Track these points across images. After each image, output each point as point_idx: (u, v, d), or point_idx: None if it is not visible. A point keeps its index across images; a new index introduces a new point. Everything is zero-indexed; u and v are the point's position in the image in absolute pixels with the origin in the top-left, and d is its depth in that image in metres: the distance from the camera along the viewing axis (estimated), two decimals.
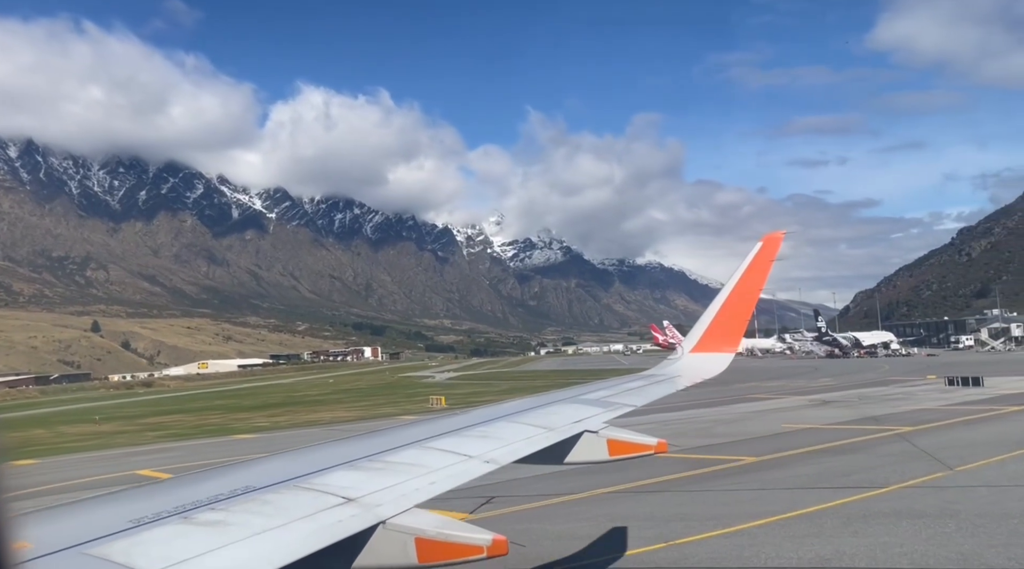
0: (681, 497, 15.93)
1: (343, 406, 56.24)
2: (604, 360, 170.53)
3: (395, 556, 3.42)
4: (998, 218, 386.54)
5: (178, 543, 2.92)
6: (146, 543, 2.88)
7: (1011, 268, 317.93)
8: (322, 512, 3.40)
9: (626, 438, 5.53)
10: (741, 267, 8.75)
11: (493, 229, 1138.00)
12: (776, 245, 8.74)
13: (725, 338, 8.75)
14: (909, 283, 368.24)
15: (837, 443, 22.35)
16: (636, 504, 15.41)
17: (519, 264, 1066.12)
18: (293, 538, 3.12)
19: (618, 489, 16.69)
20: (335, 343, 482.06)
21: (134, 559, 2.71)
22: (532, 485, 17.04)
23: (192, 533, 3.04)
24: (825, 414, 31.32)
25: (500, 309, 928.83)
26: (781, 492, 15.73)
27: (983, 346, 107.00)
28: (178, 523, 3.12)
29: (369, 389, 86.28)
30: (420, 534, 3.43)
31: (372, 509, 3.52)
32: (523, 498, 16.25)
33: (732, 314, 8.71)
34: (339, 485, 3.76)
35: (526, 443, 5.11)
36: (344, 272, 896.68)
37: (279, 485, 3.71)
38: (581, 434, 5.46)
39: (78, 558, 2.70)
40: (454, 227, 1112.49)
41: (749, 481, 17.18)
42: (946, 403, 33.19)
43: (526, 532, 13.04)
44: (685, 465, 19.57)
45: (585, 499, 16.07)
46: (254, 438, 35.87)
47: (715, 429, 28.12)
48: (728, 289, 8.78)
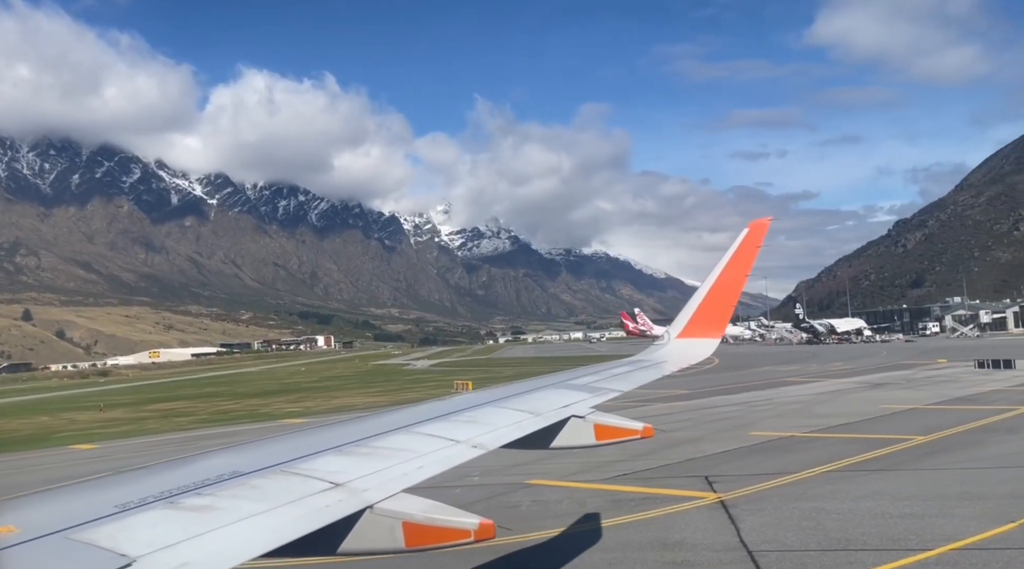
0: (939, 476, 15.01)
1: (361, 392, 54.59)
2: (577, 347, 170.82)
3: (382, 540, 3.42)
4: (932, 211, 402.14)
5: (164, 528, 2.88)
6: (132, 528, 2.84)
7: (944, 259, 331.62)
8: (309, 497, 3.39)
9: (613, 423, 5.55)
10: (728, 253, 8.68)
11: (441, 218, 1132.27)
12: (763, 231, 8.74)
13: (711, 324, 8.73)
14: (849, 273, 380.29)
15: (984, 422, 22.14)
16: (892, 483, 14.47)
17: (467, 253, 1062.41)
18: (280, 523, 3.10)
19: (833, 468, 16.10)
20: (281, 332, 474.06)
21: (120, 544, 2.69)
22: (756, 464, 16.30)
23: (179, 518, 3.00)
24: (905, 395, 31.40)
25: (448, 298, 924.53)
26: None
27: (953, 332, 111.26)
28: (164, 508, 3.07)
29: (358, 376, 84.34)
30: (407, 518, 3.43)
31: (359, 494, 3.51)
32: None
33: (718, 300, 8.66)
34: (327, 470, 3.75)
35: (514, 428, 5.11)
36: (289, 260, 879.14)
37: (266, 470, 3.68)
38: (568, 419, 5.48)
39: (64, 543, 2.65)
40: (401, 215, 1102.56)
41: (970, 459, 16.60)
42: (1011, 385, 33.68)
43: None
44: (855, 445, 19.09)
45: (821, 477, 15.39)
46: (306, 422, 34.28)
47: (813, 410, 27.91)
48: (715, 275, 8.66)
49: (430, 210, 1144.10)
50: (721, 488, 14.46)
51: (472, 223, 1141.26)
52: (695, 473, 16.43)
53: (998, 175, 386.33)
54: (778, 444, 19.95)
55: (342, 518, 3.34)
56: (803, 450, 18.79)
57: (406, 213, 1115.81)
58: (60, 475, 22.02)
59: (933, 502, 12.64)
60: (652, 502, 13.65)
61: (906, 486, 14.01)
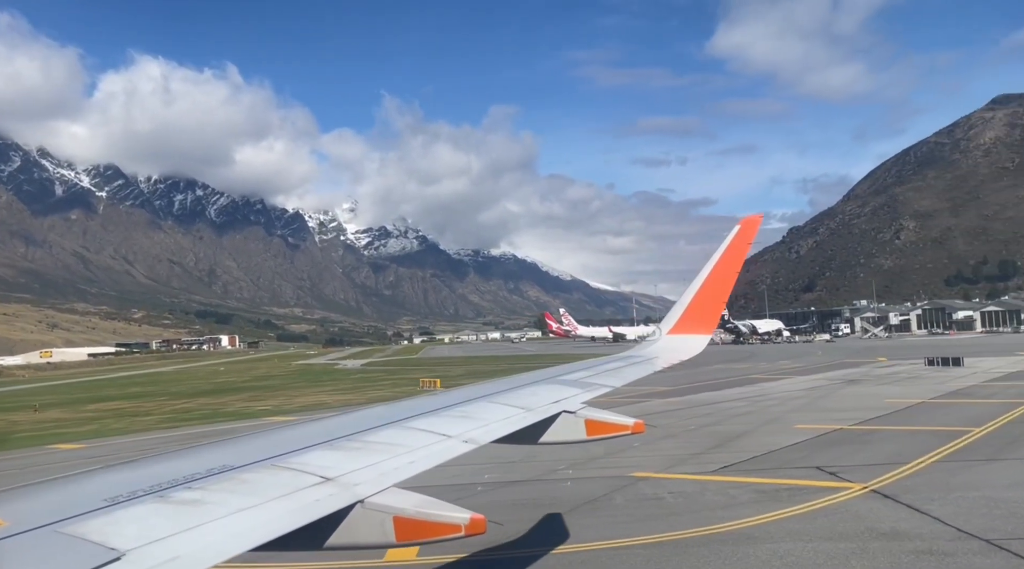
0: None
1: (321, 391, 52.43)
2: (502, 347, 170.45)
3: (373, 534, 3.43)
4: (822, 220, 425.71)
5: (154, 522, 2.87)
6: (122, 521, 2.83)
7: (833, 265, 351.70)
8: (300, 491, 3.38)
9: (604, 418, 5.60)
10: (719, 250, 8.73)
11: (347, 216, 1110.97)
12: (754, 228, 8.82)
13: (702, 320, 8.80)
14: (746, 277, 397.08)
15: (1014, 414, 23.16)
16: (1015, 471, 14.82)
17: (374, 252, 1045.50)
18: (270, 517, 3.10)
19: (937, 458, 16.42)
20: (177, 332, 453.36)
21: (110, 538, 2.67)
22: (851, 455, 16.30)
23: (168, 512, 2.99)
24: (895, 391, 32.68)
25: (354, 298, 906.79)
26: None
27: (865, 333, 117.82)
28: (154, 502, 3.06)
29: (294, 376, 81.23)
30: (398, 513, 3.44)
31: (350, 488, 3.51)
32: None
33: (709, 297, 8.71)
34: (317, 464, 3.75)
35: (505, 423, 5.12)
36: (185, 257, 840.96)
37: (256, 464, 3.67)
38: (559, 414, 5.51)
39: (53, 536, 2.64)
40: (306, 212, 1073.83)
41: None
42: (986, 380, 35.64)
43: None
44: (923, 437, 19.65)
45: (938, 466, 15.60)
46: (294, 419, 32.47)
47: (823, 404, 28.62)
48: (706, 272, 8.73)
49: (336, 208, 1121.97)
50: (853, 478, 14.46)
51: (379, 222, 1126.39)
52: (802, 464, 16.41)
53: (881, 187, 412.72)
54: (842, 436, 20.24)
55: (333, 513, 3.33)
56: (880, 442, 19.15)
57: (311, 210, 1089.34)
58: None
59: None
60: (801, 493, 13.49)
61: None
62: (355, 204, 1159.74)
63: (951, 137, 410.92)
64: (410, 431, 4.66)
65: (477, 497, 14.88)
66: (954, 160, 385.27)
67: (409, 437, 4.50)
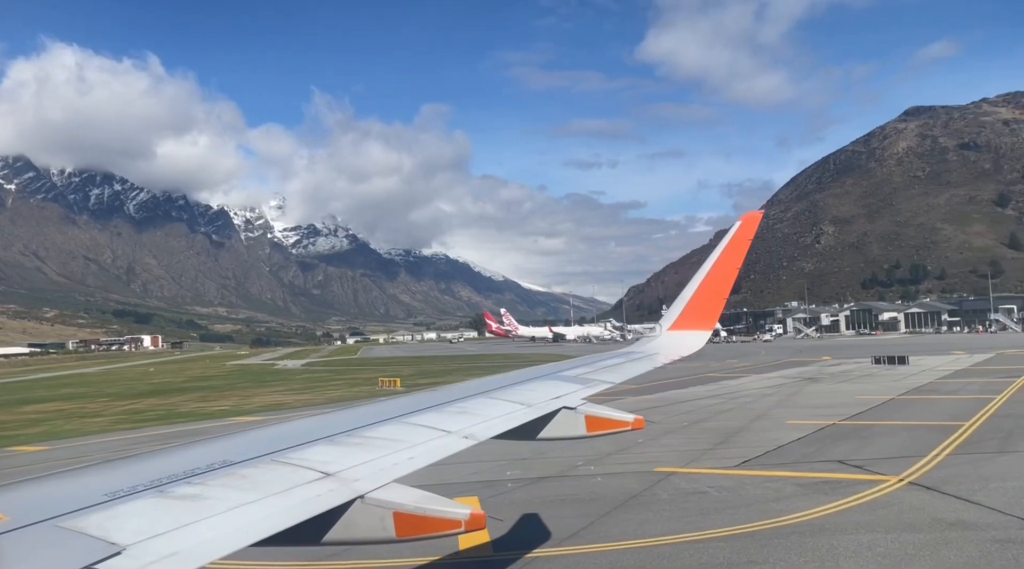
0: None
1: (272, 391, 50.81)
2: (442, 347, 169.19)
3: (373, 530, 3.43)
4: None
5: (154, 516, 2.87)
6: (122, 516, 2.82)
7: (757, 267, 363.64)
8: (300, 486, 3.38)
9: (604, 414, 5.61)
10: (720, 246, 8.74)
11: (275, 213, 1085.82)
12: (755, 224, 8.81)
13: (703, 316, 8.76)
14: (675, 279, 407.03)
15: (990, 410, 24.17)
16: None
17: (302, 251, 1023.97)
18: (271, 512, 3.10)
19: (949, 451, 16.95)
20: (93, 332, 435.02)
21: (110, 533, 2.67)
22: (860, 449, 16.59)
23: (169, 507, 2.98)
24: (858, 388, 33.78)
25: (281, 297, 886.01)
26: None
27: (798, 333, 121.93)
28: (154, 497, 3.05)
29: (234, 376, 78.67)
30: (398, 508, 3.43)
31: (350, 484, 3.51)
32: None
33: (710, 292, 8.70)
34: (317, 460, 3.75)
35: (505, 419, 5.12)
36: (102, 254, 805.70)
37: (257, 459, 3.67)
38: (558, 410, 5.52)
39: (53, 531, 2.64)
40: (231, 209, 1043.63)
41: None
42: (939, 377, 37.22)
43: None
44: (920, 432, 20.39)
45: (956, 459, 16.08)
46: (262, 420, 31.34)
47: (797, 401, 29.32)
48: (707, 267, 8.74)
49: (263, 205, 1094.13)
50: (881, 471, 14.77)
51: (308, 220, 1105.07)
52: (820, 458, 16.71)
53: (803, 193, 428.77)
54: (839, 431, 20.70)
55: (333, 508, 3.31)
56: (881, 437, 19.62)
57: (236, 207, 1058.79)
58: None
59: None
60: (841, 486, 13.70)
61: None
62: (283, 201, 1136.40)
63: (867, 146, 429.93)
64: (410, 427, 4.62)
65: (513, 493, 14.60)
66: (870, 168, 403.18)
67: (409, 433, 4.47)
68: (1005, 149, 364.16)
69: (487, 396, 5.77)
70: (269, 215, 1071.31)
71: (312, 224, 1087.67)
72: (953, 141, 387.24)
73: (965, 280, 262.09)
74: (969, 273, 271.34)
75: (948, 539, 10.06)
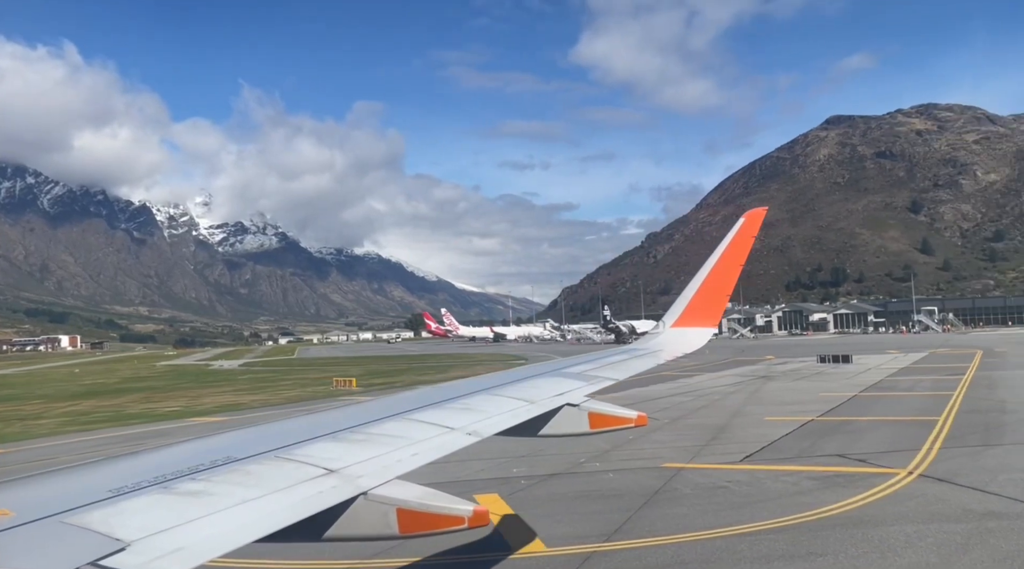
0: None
1: (221, 392, 49.16)
2: (379, 347, 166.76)
3: (376, 526, 3.47)
4: (677, 226, 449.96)
5: (158, 513, 2.91)
6: (126, 512, 2.86)
7: (687, 269, 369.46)
8: (304, 483, 3.43)
9: (607, 411, 5.67)
10: (724, 243, 8.77)
11: (200, 210, 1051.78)
12: (758, 221, 8.87)
13: (706, 313, 8.85)
14: (608, 280, 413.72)
15: (953, 405, 25.25)
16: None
17: (229, 249, 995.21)
18: (275, 508, 3.14)
19: (940, 446, 17.59)
20: (2, 332, 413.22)
21: (114, 529, 2.71)
22: (853, 444, 17.06)
23: (172, 503, 3.02)
24: (818, 386, 34.86)
25: (207, 297, 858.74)
26: None
27: (734, 334, 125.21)
28: (158, 493, 3.09)
29: (169, 377, 75.95)
30: (401, 505, 3.48)
31: (353, 480, 3.55)
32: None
33: (713, 289, 8.75)
34: (321, 456, 3.79)
35: (509, 416, 5.21)
36: (13, 250, 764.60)
37: (260, 456, 3.71)
38: (561, 407, 5.60)
39: (58, 527, 2.69)
40: (154, 205, 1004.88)
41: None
42: (888, 375, 38.75)
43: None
44: (900, 427, 21.11)
45: (955, 452, 16.69)
46: (225, 420, 30.32)
47: (764, 398, 30.08)
48: (710, 264, 8.77)
49: (188, 201, 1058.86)
50: (886, 464, 15.23)
51: (236, 217, 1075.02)
52: (819, 453, 17.11)
53: (730, 197, 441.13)
54: (822, 427, 21.29)
55: (337, 504, 3.34)
56: (865, 431, 20.27)
57: (159, 203, 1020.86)
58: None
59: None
60: (857, 479, 14.08)
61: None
62: (209, 198, 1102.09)
63: (791, 153, 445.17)
64: (413, 423, 4.65)
65: (532, 490, 14.54)
66: (794, 174, 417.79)
67: (412, 429, 4.49)
68: (918, 158, 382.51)
69: (490, 393, 5.79)
70: (194, 212, 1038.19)
71: (240, 222, 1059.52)
72: (870, 150, 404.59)
73: (881, 283, 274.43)
74: (885, 276, 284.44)
75: (989, 528, 10.42)
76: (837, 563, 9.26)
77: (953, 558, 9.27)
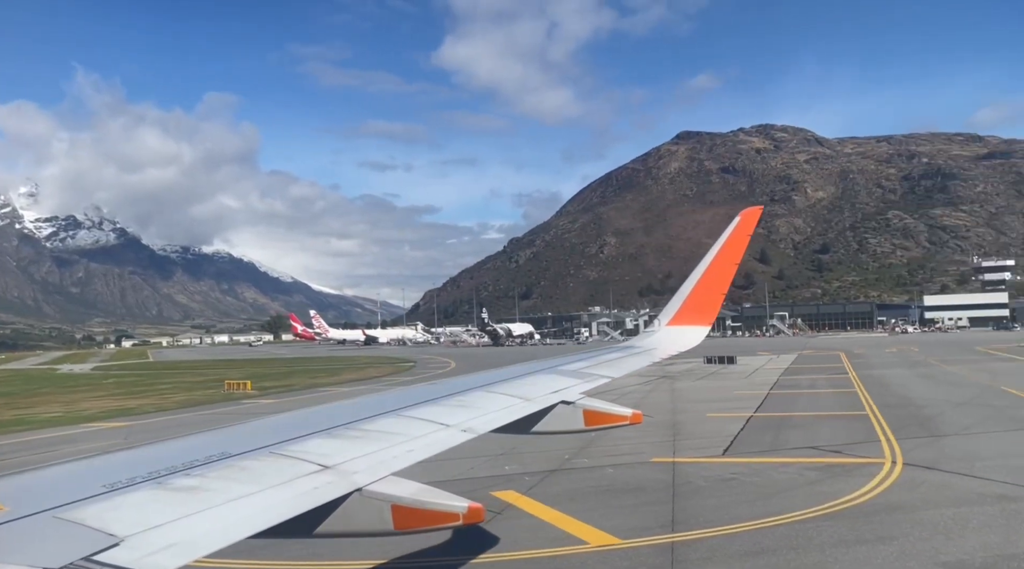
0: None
1: (90, 397, 45.00)
2: (243, 350, 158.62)
3: (371, 522, 3.51)
4: (538, 232, 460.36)
5: (153, 508, 2.93)
6: (121, 508, 2.88)
7: (548, 274, 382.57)
8: (299, 479, 3.46)
9: (602, 408, 5.75)
10: (719, 241, 8.86)
11: (25, 201, 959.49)
12: (754, 220, 8.95)
13: (702, 312, 8.93)
14: (470, 284, 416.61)
15: (868, 401, 27.38)
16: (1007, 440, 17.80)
17: (59, 244, 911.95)
18: (270, 504, 3.17)
19: (893, 440, 19.03)
20: None
21: (109, 524, 2.73)
22: (813, 437, 18.10)
23: (167, 498, 3.04)
24: (727, 385, 36.78)
25: (31, 296, 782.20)
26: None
27: (605, 336, 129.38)
28: (153, 488, 3.11)
29: (28, 382, 68.80)
30: (396, 501, 3.51)
31: (349, 476, 3.60)
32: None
33: (709, 288, 8.85)
34: (316, 452, 3.82)
35: (504, 413, 5.26)
36: None
37: (255, 452, 3.74)
38: (555, 405, 5.69)
39: (51, 522, 2.70)
40: None
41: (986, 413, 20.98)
42: (776, 376, 41.46)
43: None
44: (843, 423, 22.56)
45: (912, 445, 18.05)
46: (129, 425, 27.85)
47: (688, 396, 31.37)
48: (706, 263, 8.86)
49: (11, 191, 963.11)
50: (865, 454, 16.33)
51: (67, 210, 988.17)
52: (791, 446, 18.04)
53: (588, 205, 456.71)
54: (769, 422, 22.44)
55: (332, 500, 3.39)
56: (813, 426, 21.51)
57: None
58: None
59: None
60: (851, 469, 14.90)
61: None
62: (36, 188, 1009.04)
63: (644, 165, 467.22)
64: (409, 420, 4.70)
65: (541, 488, 14.40)
66: (647, 185, 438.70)
67: (408, 426, 4.55)
68: (757, 174, 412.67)
69: (485, 390, 5.85)
70: (18, 203, 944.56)
71: (72, 215, 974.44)
72: (716, 165, 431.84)
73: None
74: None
75: (1014, 510, 11.38)
76: (912, 546, 9.78)
77: (1013, 537, 10.06)
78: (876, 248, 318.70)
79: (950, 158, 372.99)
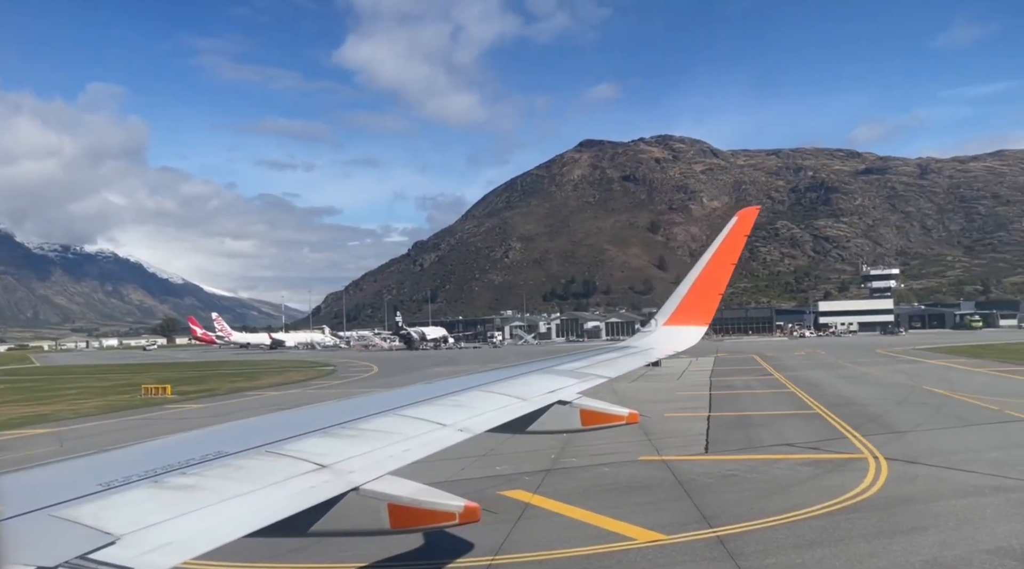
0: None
1: (35, 401, 41.46)
2: (135, 354, 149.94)
3: (368, 521, 3.52)
4: (444, 236, 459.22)
5: (149, 506, 2.92)
6: (116, 506, 2.87)
7: (453, 278, 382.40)
8: (295, 478, 3.46)
9: (599, 408, 5.77)
10: (716, 241, 8.93)
11: None
12: (751, 219, 9.03)
13: (698, 312, 8.96)
14: (374, 287, 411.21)
15: (810, 401, 28.60)
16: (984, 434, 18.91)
17: None
18: (266, 503, 3.17)
19: (859, 437, 19.94)
20: None
21: (104, 522, 2.72)
22: (779, 434, 18.73)
23: (163, 497, 3.04)
24: (666, 386, 37.49)
25: None
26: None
27: (519, 339, 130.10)
28: (149, 487, 3.11)
29: None
30: (393, 500, 3.53)
31: (345, 475, 3.59)
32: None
33: (706, 288, 8.89)
34: (312, 451, 3.83)
35: (500, 412, 5.28)
36: None
37: (252, 451, 3.74)
38: (551, 405, 5.72)
39: (47, 520, 2.70)
40: None
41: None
42: (706, 377, 42.78)
43: None
44: (799, 421, 23.46)
45: (881, 441, 18.91)
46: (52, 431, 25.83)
47: (636, 397, 31.87)
48: (703, 263, 8.94)
49: None
50: (843, 450, 17.02)
51: None
52: (767, 443, 18.60)
53: (494, 210, 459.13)
54: (730, 422, 23.05)
55: (328, 499, 3.41)
56: (774, 424, 22.25)
57: None
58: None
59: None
60: (842, 465, 15.47)
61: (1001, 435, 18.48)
62: None
63: (549, 171, 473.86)
64: (405, 419, 4.73)
65: (548, 487, 14.30)
66: (551, 192, 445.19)
67: (404, 425, 4.58)
68: (656, 183, 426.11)
69: (482, 389, 5.87)
70: None
71: None
72: (617, 173, 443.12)
73: (625, 295, 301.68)
74: (628, 289, 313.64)
75: (1018, 500, 12.02)
76: (946, 537, 10.18)
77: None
78: (766, 256, 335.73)
79: (832, 173, 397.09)
